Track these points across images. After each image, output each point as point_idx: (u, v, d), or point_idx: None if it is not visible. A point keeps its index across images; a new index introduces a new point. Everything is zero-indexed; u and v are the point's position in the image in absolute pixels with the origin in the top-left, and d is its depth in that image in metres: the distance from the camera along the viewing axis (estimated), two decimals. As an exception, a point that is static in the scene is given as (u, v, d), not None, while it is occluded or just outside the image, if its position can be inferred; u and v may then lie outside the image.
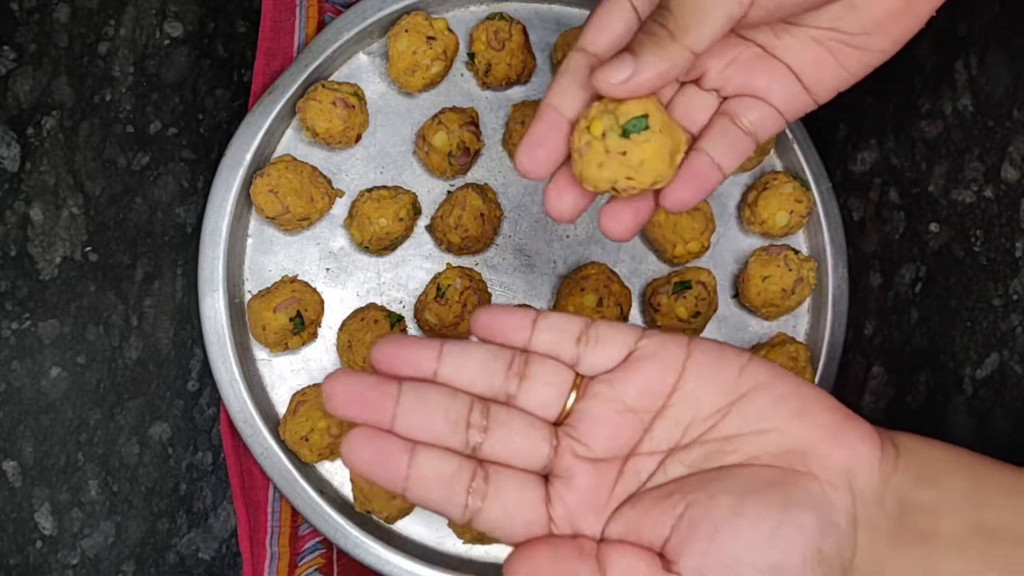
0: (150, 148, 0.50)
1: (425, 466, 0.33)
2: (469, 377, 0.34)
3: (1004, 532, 0.33)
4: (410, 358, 0.34)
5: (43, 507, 0.48)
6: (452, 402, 0.33)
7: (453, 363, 0.34)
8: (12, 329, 0.49)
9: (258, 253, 0.50)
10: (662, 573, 0.32)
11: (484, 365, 0.34)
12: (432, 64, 0.49)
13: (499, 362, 0.34)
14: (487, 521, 0.33)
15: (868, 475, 0.33)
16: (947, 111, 0.47)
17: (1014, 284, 0.46)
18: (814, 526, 0.32)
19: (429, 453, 0.33)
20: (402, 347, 0.34)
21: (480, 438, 0.33)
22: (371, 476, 0.33)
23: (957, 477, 0.34)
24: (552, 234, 0.52)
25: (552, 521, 0.33)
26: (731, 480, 0.33)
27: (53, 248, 0.49)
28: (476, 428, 0.33)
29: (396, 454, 0.33)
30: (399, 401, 0.33)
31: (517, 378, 0.34)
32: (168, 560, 0.49)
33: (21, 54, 0.50)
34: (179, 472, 0.49)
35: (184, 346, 0.50)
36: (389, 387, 0.33)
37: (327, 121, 0.48)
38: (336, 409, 0.33)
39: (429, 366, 0.34)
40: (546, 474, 0.34)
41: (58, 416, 0.49)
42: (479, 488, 0.33)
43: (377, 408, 0.33)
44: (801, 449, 0.33)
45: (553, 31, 0.51)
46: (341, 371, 0.33)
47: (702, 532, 0.32)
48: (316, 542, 0.49)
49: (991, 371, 0.47)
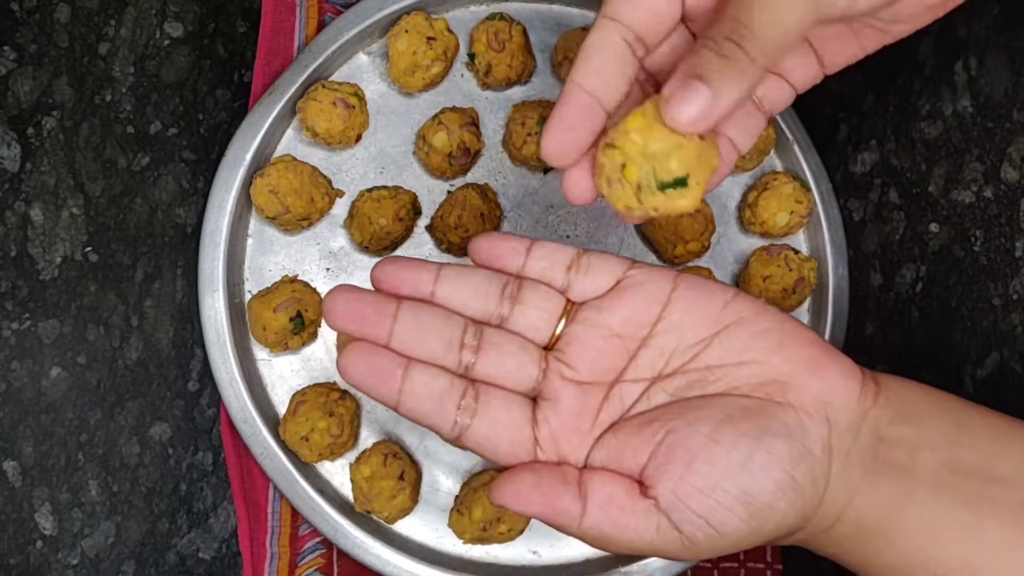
0: (150, 148, 0.50)
1: (418, 381, 0.34)
2: (464, 299, 0.35)
3: (977, 470, 0.33)
4: (409, 278, 0.35)
5: (43, 507, 0.48)
6: (447, 322, 0.35)
7: (450, 285, 0.35)
8: (12, 329, 0.49)
9: (258, 253, 0.50)
10: (639, 498, 0.33)
11: (479, 288, 0.35)
12: (432, 64, 0.49)
13: (493, 286, 0.36)
14: (475, 438, 0.34)
15: (844, 406, 0.34)
16: (947, 112, 0.47)
17: (1014, 284, 0.46)
18: (787, 454, 0.33)
19: (422, 369, 0.34)
20: (401, 267, 0.35)
21: (472, 358, 0.35)
22: (366, 389, 0.34)
23: (937, 417, 0.35)
24: (552, 234, 0.52)
25: (537, 443, 0.34)
26: (710, 409, 0.34)
27: (53, 248, 0.49)
28: (469, 348, 0.35)
29: (391, 368, 0.34)
30: (397, 319, 0.34)
31: (510, 302, 0.35)
32: (168, 560, 0.49)
33: (21, 54, 0.50)
34: (179, 472, 0.49)
35: (184, 346, 0.50)
36: (388, 305, 0.34)
37: (327, 121, 0.48)
38: (336, 322, 0.34)
39: (426, 287, 0.35)
40: (534, 397, 0.35)
41: (58, 416, 0.49)
42: (468, 406, 0.34)
43: (375, 324, 0.34)
44: (780, 380, 0.34)
45: (553, 32, 0.51)
46: (342, 287, 0.34)
47: (679, 458, 0.33)
48: (316, 542, 0.49)
49: (991, 370, 0.47)
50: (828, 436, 0.34)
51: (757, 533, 0.33)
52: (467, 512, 0.47)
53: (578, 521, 0.33)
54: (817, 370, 0.34)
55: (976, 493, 0.33)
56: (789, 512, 0.33)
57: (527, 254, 0.36)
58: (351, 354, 0.34)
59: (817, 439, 0.33)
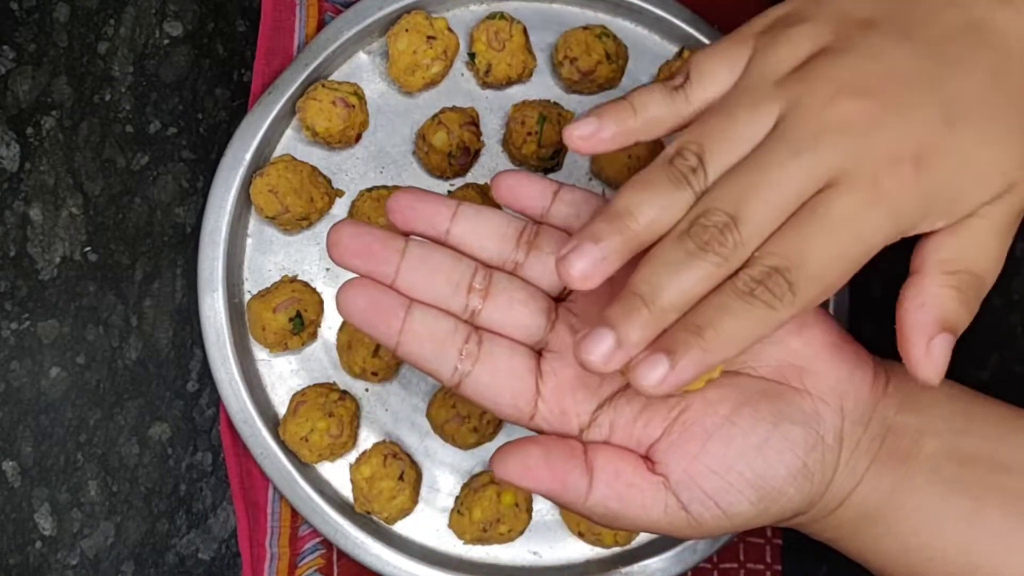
0: (149, 148, 0.50)
1: (420, 323, 0.32)
2: (480, 239, 0.34)
3: (979, 459, 0.33)
4: (426, 212, 0.34)
5: (42, 507, 0.48)
6: (456, 264, 0.33)
7: (467, 223, 0.34)
8: (11, 329, 0.49)
9: (258, 253, 0.50)
10: (647, 474, 0.32)
11: (496, 229, 0.34)
12: (432, 64, 0.49)
13: (511, 228, 0.34)
14: (475, 386, 0.33)
15: (858, 396, 0.34)
16: (948, 111, 0.47)
17: (1015, 284, 0.46)
18: (802, 441, 0.32)
19: (426, 311, 0.33)
20: (419, 200, 0.34)
21: (479, 303, 0.33)
22: (364, 326, 0.33)
23: (942, 405, 0.35)
24: (552, 234, 0.51)
25: (540, 396, 0.33)
26: (728, 388, 0.33)
27: (52, 248, 0.49)
28: (477, 293, 0.33)
29: (393, 307, 0.32)
30: (404, 256, 0.33)
31: (526, 247, 0.34)
32: (168, 560, 0.49)
33: (20, 54, 0.50)
34: (179, 473, 0.49)
35: (184, 346, 0.50)
36: (395, 242, 0.33)
37: (327, 121, 0.48)
38: (340, 257, 0.33)
39: (443, 224, 0.34)
40: (540, 350, 0.34)
41: (57, 416, 0.49)
42: (471, 352, 0.33)
43: (381, 261, 0.33)
44: (797, 364, 0.33)
45: (554, 31, 0.51)
46: (347, 221, 0.33)
47: (695, 436, 0.32)
48: (316, 543, 0.49)
49: (992, 371, 0.47)
50: (841, 426, 0.33)
51: (763, 516, 0.33)
52: (467, 513, 0.47)
53: (584, 497, 0.32)
54: (835, 358, 0.34)
55: (979, 481, 0.33)
56: (796, 497, 0.33)
57: (553, 197, 0.35)
58: (350, 288, 0.32)
59: (831, 428, 0.33)
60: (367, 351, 0.47)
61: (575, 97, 0.51)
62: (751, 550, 0.48)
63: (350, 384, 0.49)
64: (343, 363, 0.49)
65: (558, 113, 0.49)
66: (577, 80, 0.49)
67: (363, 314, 0.32)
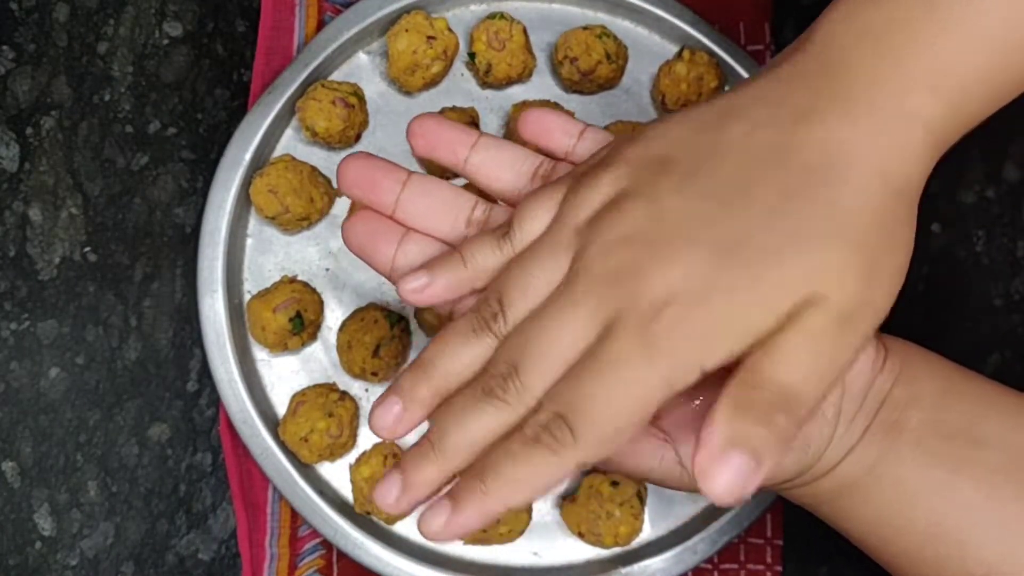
0: (149, 148, 0.50)
1: (413, 250, 0.34)
2: (496, 170, 0.35)
3: (960, 432, 0.34)
4: (447, 137, 0.35)
5: (42, 508, 0.48)
6: (456, 197, 0.35)
7: (485, 152, 0.35)
8: (11, 330, 0.49)
9: (257, 253, 0.50)
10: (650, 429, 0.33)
11: (514, 162, 0.35)
12: (432, 64, 0.49)
13: (528, 163, 0.35)
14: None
15: (859, 371, 0.34)
16: (949, 111, 0.47)
17: (1015, 284, 0.46)
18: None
19: (420, 238, 0.34)
20: (442, 126, 0.35)
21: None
22: (361, 252, 0.35)
23: (928, 381, 0.35)
24: (552, 234, 0.51)
25: None
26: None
27: (52, 248, 0.49)
28: (475, 225, 0.34)
29: (388, 234, 0.34)
30: (405, 187, 0.34)
31: (541, 180, 0.34)
32: (167, 561, 0.49)
33: (20, 54, 0.50)
34: (178, 473, 0.49)
35: (183, 347, 0.50)
36: (398, 173, 0.35)
37: (327, 121, 0.48)
38: (346, 186, 0.35)
39: (463, 151, 0.35)
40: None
41: (57, 417, 0.49)
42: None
43: (383, 191, 0.35)
44: None
45: (554, 31, 0.51)
46: (360, 153, 0.35)
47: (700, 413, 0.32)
48: (316, 543, 0.49)
49: (993, 371, 0.47)
50: (840, 400, 0.34)
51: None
52: (467, 513, 0.47)
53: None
54: None
55: (956, 454, 0.34)
56: (790, 468, 0.33)
57: (579, 136, 0.35)
58: (355, 218, 0.35)
59: (831, 402, 0.33)
60: (367, 351, 0.47)
61: (575, 97, 0.51)
62: (752, 551, 0.48)
63: (350, 384, 0.49)
64: (343, 363, 0.49)
65: (558, 113, 0.49)
66: (577, 80, 0.49)
67: (360, 240, 0.34)
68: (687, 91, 0.49)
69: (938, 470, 0.34)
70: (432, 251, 0.34)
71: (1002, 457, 0.34)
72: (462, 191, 0.35)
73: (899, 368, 0.35)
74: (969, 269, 0.47)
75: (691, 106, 0.37)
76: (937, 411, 0.34)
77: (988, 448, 0.34)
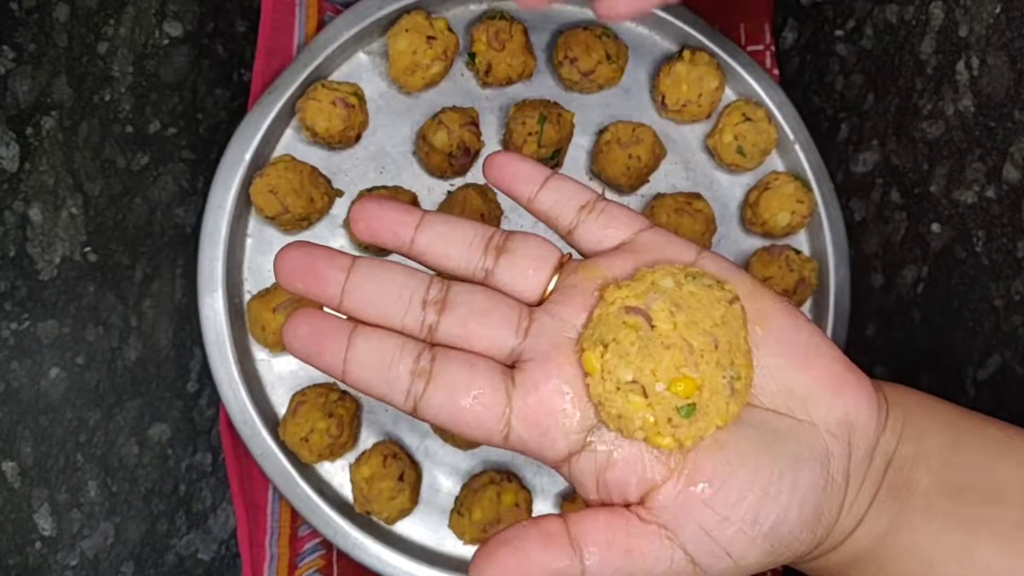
0: (149, 148, 0.50)
1: (364, 346, 0.30)
2: (446, 248, 0.32)
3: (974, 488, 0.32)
4: (389, 221, 0.32)
5: (42, 508, 0.48)
6: (408, 279, 0.31)
7: (432, 231, 0.32)
8: (11, 330, 0.49)
9: (257, 253, 0.50)
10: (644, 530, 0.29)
11: (463, 237, 0.32)
12: (432, 64, 0.49)
13: (478, 236, 0.32)
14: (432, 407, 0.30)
15: (865, 431, 0.32)
16: (948, 112, 0.47)
17: (1016, 284, 0.46)
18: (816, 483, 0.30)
19: (371, 332, 0.30)
20: (384, 208, 0.32)
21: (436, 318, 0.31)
22: (307, 358, 0.30)
23: (934, 434, 0.33)
24: (552, 235, 0.51)
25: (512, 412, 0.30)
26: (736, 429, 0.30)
27: (52, 248, 0.49)
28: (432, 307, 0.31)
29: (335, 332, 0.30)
30: (350, 275, 0.30)
31: (495, 252, 0.32)
32: (167, 561, 0.49)
33: (20, 54, 0.50)
34: (178, 473, 0.49)
35: (183, 347, 0.50)
36: (341, 260, 0.31)
37: (327, 121, 0.48)
38: (284, 281, 0.31)
39: (407, 233, 0.32)
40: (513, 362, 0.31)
41: (57, 417, 0.49)
42: (423, 370, 0.30)
43: (326, 281, 0.30)
44: (800, 394, 0.31)
45: (554, 31, 0.51)
46: (295, 243, 0.31)
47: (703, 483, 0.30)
48: (316, 543, 0.49)
49: (993, 372, 0.47)
50: (848, 462, 0.31)
51: (773, 562, 0.31)
52: (467, 513, 0.47)
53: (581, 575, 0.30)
54: (842, 390, 0.32)
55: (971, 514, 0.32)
56: (808, 541, 0.31)
57: (543, 184, 0.33)
58: (294, 318, 0.30)
59: (840, 465, 0.31)
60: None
61: (575, 97, 0.51)
62: None
63: (350, 384, 0.49)
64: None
65: (558, 113, 0.49)
66: (577, 80, 0.49)
67: (305, 344, 0.30)
68: (687, 91, 0.49)
69: (954, 533, 0.31)
70: (385, 343, 0.30)
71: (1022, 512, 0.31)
72: (414, 271, 0.31)
73: (902, 423, 0.33)
74: (969, 269, 0.47)
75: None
76: (946, 468, 0.32)
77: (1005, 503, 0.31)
